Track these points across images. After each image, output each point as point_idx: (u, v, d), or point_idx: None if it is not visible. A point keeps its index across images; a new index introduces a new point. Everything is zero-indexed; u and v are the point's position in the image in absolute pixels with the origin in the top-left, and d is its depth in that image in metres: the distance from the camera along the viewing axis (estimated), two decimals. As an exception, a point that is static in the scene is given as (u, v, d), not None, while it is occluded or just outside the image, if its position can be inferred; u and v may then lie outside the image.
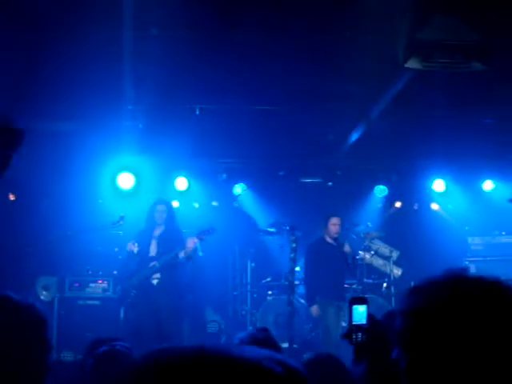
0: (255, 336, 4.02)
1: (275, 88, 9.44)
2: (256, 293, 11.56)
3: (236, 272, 12.04)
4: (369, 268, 11.42)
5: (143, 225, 9.91)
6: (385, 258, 11.76)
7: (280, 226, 10.84)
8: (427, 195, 13.00)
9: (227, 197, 12.51)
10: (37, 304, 2.40)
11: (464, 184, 12.74)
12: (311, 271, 10.08)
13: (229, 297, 12.03)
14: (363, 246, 11.39)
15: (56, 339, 9.69)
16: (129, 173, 11.42)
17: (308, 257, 10.23)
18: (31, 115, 9.76)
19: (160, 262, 9.50)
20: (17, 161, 11.23)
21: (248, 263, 11.73)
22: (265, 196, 12.55)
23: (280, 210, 12.10)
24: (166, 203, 9.97)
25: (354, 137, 11.15)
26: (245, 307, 11.53)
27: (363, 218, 12.07)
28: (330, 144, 11.80)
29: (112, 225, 10.22)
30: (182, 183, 12.03)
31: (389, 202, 12.99)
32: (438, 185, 12.74)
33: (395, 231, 12.45)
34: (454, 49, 6.73)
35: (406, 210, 13.01)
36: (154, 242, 9.74)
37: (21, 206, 10.78)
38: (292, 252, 9.10)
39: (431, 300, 1.62)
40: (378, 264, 11.83)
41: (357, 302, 2.61)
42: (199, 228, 9.77)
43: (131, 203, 10.89)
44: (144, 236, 9.83)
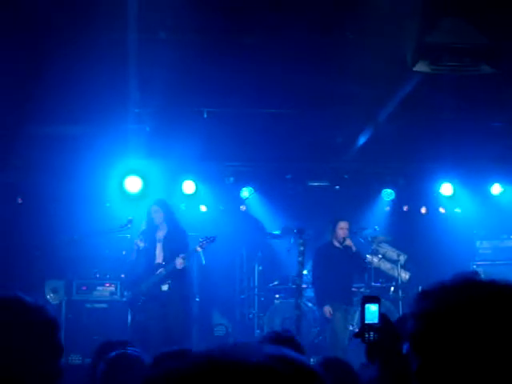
0: (279, 334, 4.04)
1: (283, 91, 9.44)
2: (263, 296, 11.55)
3: (243, 275, 12.03)
4: (376, 272, 11.39)
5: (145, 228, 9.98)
6: (392, 262, 11.73)
7: (287, 230, 10.84)
8: (435, 199, 12.96)
9: (235, 200, 12.49)
10: (48, 306, 2.40)
11: (472, 187, 12.69)
12: (319, 274, 10.08)
13: (236, 300, 12.02)
14: (371, 250, 11.37)
15: (64, 342, 9.68)
16: (136, 176, 11.42)
17: (316, 260, 10.22)
18: (38, 119, 9.81)
19: (166, 269, 9.55)
20: (25, 165, 11.26)
21: (255, 267, 11.72)
22: (272, 199, 12.53)
23: (287, 214, 12.09)
24: (159, 203, 9.97)
25: (362, 140, 11.13)
26: (252, 311, 11.52)
27: (371, 222, 12.04)
28: (338, 147, 11.78)
29: (120, 228, 10.23)
30: (190, 187, 12.02)
31: (396, 206, 12.95)
32: (446, 188, 12.70)
33: (403, 235, 12.42)
34: (463, 52, 6.71)
35: (414, 214, 12.97)
36: (159, 246, 9.78)
37: (29, 210, 10.80)
38: (300, 255, 9.09)
39: (442, 303, 1.62)
40: (386, 268, 11.79)
41: (369, 301, 2.61)
42: (202, 236, 9.82)
43: (139, 207, 10.87)
44: (148, 239, 9.86)
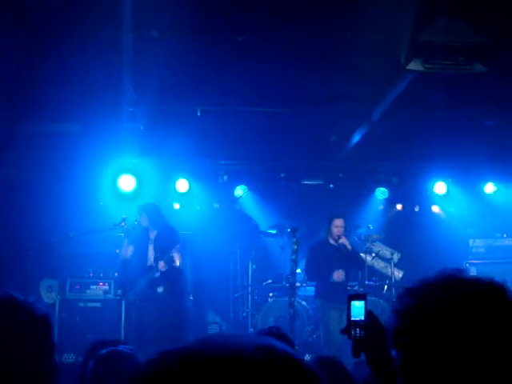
0: (273, 332, 4.05)
1: (277, 90, 9.45)
2: (257, 295, 11.55)
3: (237, 274, 12.02)
4: (370, 270, 11.39)
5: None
6: (386, 261, 11.75)
7: (281, 228, 10.84)
8: (428, 197, 12.98)
9: (228, 199, 12.50)
10: (40, 304, 2.39)
11: (465, 186, 12.72)
12: (311, 271, 10.07)
13: (230, 299, 12.01)
14: (364, 249, 11.37)
15: (57, 341, 9.67)
16: (130, 175, 11.41)
17: (308, 256, 10.20)
18: (31, 118, 9.80)
19: (159, 271, 9.63)
20: (18, 163, 11.24)
21: (249, 265, 11.72)
22: (266, 198, 12.54)
23: (281, 212, 12.10)
24: (142, 208, 10.04)
25: (356, 139, 11.14)
26: (246, 309, 11.52)
27: (364, 220, 12.05)
28: (332, 146, 11.79)
29: (114, 227, 10.22)
30: (183, 185, 12.02)
31: (390, 204, 12.98)
32: (440, 187, 12.72)
33: (396, 233, 12.44)
34: (456, 50, 6.72)
35: (407, 213, 13.00)
36: (151, 247, 9.85)
37: (22, 208, 10.76)
38: (293, 254, 9.08)
39: (425, 301, 1.63)
40: (379, 266, 11.81)
41: (355, 298, 2.64)
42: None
43: (132, 205, 10.86)
44: (140, 241, 9.93)
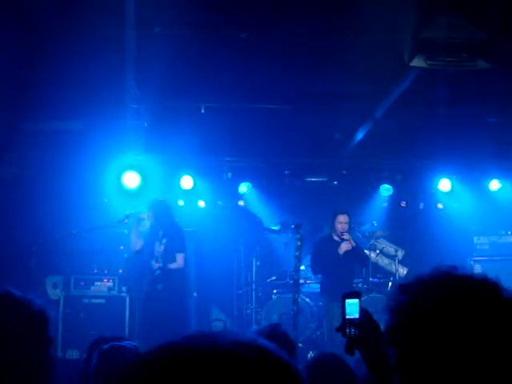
0: (270, 332, 4.05)
1: (281, 87, 9.45)
2: (261, 291, 11.55)
3: (241, 271, 12.03)
4: (374, 267, 11.40)
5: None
6: (390, 257, 11.75)
7: (285, 225, 10.84)
8: (433, 194, 12.97)
9: (232, 195, 12.51)
10: (39, 301, 2.40)
11: (470, 183, 12.70)
12: (317, 264, 10.05)
13: (234, 295, 12.03)
14: (368, 245, 11.39)
15: (61, 338, 9.72)
16: (134, 172, 11.42)
17: (314, 252, 10.16)
18: (35, 115, 9.81)
19: (162, 269, 9.68)
20: (22, 161, 11.26)
21: (253, 262, 11.72)
22: (270, 195, 12.55)
23: (285, 209, 12.11)
24: (149, 205, 10.14)
25: (360, 136, 11.14)
26: (250, 306, 11.53)
27: (369, 217, 12.05)
28: (336, 143, 11.79)
29: (118, 223, 10.25)
30: (188, 182, 12.03)
31: (394, 201, 12.97)
32: (444, 184, 12.71)
33: (401, 230, 12.44)
34: (459, 47, 6.71)
35: (412, 210, 12.99)
36: (157, 244, 9.89)
37: (26, 206, 10.80)
38: (297, 250, 9.09)
39: (419, 298, 1.64)
40: (384, 263, 11.82)
41: (350, 297, 2.64)
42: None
43: (137, 202, 10.88)
44: (148, 237, 10.00)
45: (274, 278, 11.53)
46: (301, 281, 10.11)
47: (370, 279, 11.15)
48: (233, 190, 12.47)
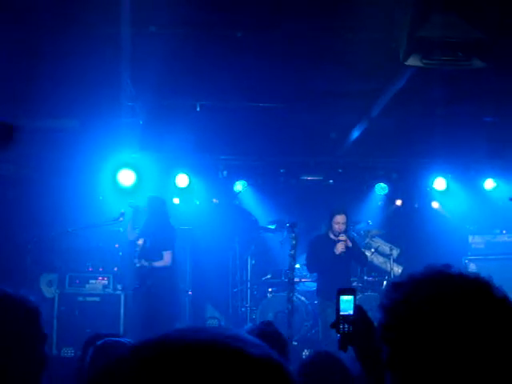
0: (262, 330, 4.05)
1: (277, 85, 9.45)
2: (256, 290, 11.56)
3: (236, 269, 12.04)
4: (369, 266, 11.39)
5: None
6: (385, 256, 11.76)
7: (280, 223, 10.84)
8: (428, 193, 12.99)
9: (228, 194, 12.51)
10: (31, 297, 2.40)
11: (465, 182, 12.72)
12: (313, 262, 9.97)
13: (229, 294, 12.04)
14: (364, 244, 11.40)
15: (56, 335, 9.71)
16: (129, 169, 11.42)
17: (309, 251, 10.08)
18: (31, 113, 9.80)
19: (149, 265, 9.69)
20: (18, 159, 11.25)
21: (248, 260, 11.73)
22: (265, 193, 12.55)
23: (281, 208, 12.11)
24: (147, 200, 10.13)
25: (356, 134, 11.15)
26: (245, 304, 11.53)
27: (364, 216, 12.07)
28: (331, 142, 11.80)
29: (113, 221, 10.25)
30: (183, 180, 12.04)
31: (389, 200, 12.99)
32: (439, 183, 12.73)
33: (396, 229, 12.45)
34: (455, 46, 6.71)
35: (407, 208, 13.01)
36: (146, 241, 9.92)
37: (21, 204, 10.79)
38: (292, 249, 9.09)
39: (411, 296, 1.65)
40: (379, 262, 11.82)
41: (344, 293, 2.65)
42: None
43: (132, 200, 10.88)
44: (139, 234, 10.05)
45: (269, 277, 11.54)
46: (296, 279, 10.11)
47: (365, 278, 11.17)
48: (228, 189, 12.48)
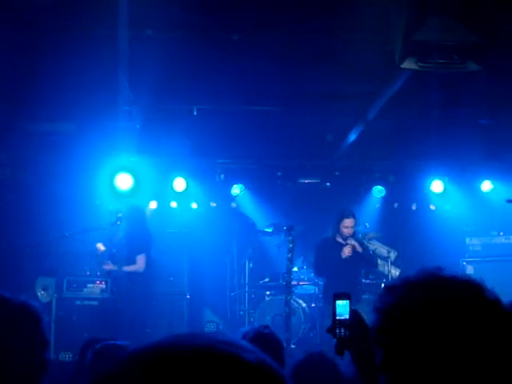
0: (259, 331, 4.05)
1: (273, 89, 9.47)
2: (254, 293, 11.56)
3: (234, 272, 12.03)
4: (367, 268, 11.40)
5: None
6: (383, 259, 11.75)
7: (278, 227, 10.84)
8: (425, 196, 12.99)
9: (225, 197, 12.52)
10: (31, 302, 2.41)
11: (462, 185, 12.73)
12: (321, 265, 9.81)
13: (227, 297, 12.03)
14: (361, 247, 11.39)
15: (54, 339, 9.69)
16: (127, 173, 11.39)
17: (317, 254, 9.92)
18: (28, 116, 9.81)
19: (119, 270, 9.74)
20: (15, 162, 11.24)
21: (246, 263, 11.73)
22: (263, 196, 12.56)
23: (278, 211, 12.12)
24: (125, 208, 10.14)
25: (352, 137, 11.16)
26: (243, 307, 11.53)
27: (361, 219, 12.04)
28: (328, 145, 11.81)
29: (111, 225, 10.24)
30: (180, 184, 12.03)
31: (387, 203, 12.99)
32: (436, 185, 12.74)
33: (393, 232, 12.45)
34: (450, 49, 6.73)
35: (404, 211, 13.01)
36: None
37: (18, 207, 10.78)
38: (289, 252, 9.09)
39: (405, 299, 1.66)
40: (376, 264, 11.81)
41: (340, 298, 2.66)
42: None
43: (129, 204, 10.86)
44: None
45: (267, 280, 11.54)
46: (293, 282, 10.11)
47: (363, 280, 11.16)
48: (225, 192, 12.48)
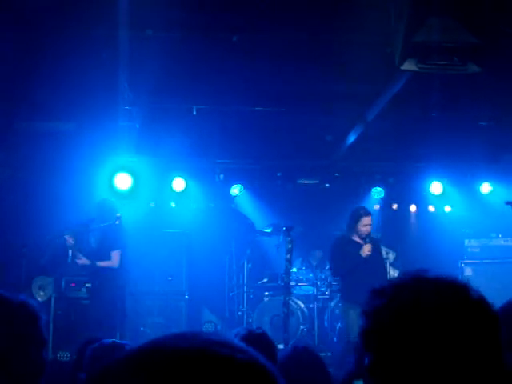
0: (251, 331, 4.05)
1: (273, 89, 9.47)
2: (252, 294, 11.56)
3: (233, 273, 12.03)
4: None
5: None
6: (381, 260, 11.75)
7: (277, 227, 10.84)
8: (424, 197, 13.00)
9: (224, 198, 12.52)
10: (31, 301, 2.41)
11: (461, 186, 12.74)
12: (340, 268, 9.48)
13: (225, 297, 12.02)
14: (360, 248, 11.37)
15: (52, 339, 9.69)
16: (126, 173, 11.40)
17: (336, 254, 9.55)
18: (28, 116, 9.80)
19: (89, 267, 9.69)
20: (14, 161, 11.23)
21: (245, 264, 11.72)
22: (262, 197, 12.56)
23: (277, 211, 12.12)
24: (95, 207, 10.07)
25: (351, 139, 11.16)
26: (241, 308, 11.52)
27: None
28: (328, 145, 11.81)
29: (108, 225, 10.21)
30: (180, 184, 12.03)
31: (386, 204, 12.99)
32: (436, 187, 12.75)
33: (392, 233, 12.45)
34: (451, 51, 6.73)
35: (403, 212, 13.02)
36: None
37: (17, 207, 10.78)
38: (288, 253, 9.08)
39: (392, 301, 1.66)
40: (375, 266, 11.80)
41: (354, 377, 2.63)
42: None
43: (128, 204, 10.87)
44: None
45: (266, 281, 11.54)
46: (292, 283, 10.10)
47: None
48: (225, 192, 12.49)
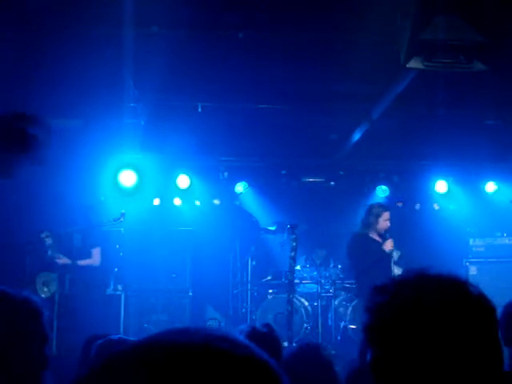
0: (255, 328, 4.04)
1: (278, 87, 9.47)
2: (256, 291, 11.55)
3: (237, 270, 12.03)
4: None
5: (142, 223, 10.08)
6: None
7: (281, 225, 10.84)
8: (429, 196, 12.99)
9: (229, 195, 12.52)
10: (34, 297, 2.41)
11: (466, 185, 12.72)
12: (363, 264, 9.20)
13: (229, 295, 12.03)
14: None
15: (56, 336, 9.70)
16: (131, 170, 11.41)
17: (359, 251, 9.32)
18: (33, 113, 9.78)
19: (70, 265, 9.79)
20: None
21: (249, 261, 11.72)
22: (266, 195, 12.56)
23: (281, 209, 12.11)
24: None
25: (357, 137, 11.15)
26: (245, 305, 11.52)
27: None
28: (333, 144, 11.81)
29: (113, 222, 10.24)
30: (184, 181, 12.04)
31: (391, 203, 12.97)
32: (441, 186, 12.73)
33: (396, 231, 12.43)
34: (456, 49, 6.72)
35: (408, 211, 13.00)
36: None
37: (22, 203, 10.78)
38: (292, 251, 9.08)
39: (394, 297, 1.69)
40: (379, 264, 11.79)
41: None
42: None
43: (133, 201, 10.87)
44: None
45: (270, 278, 11.53)
46: (296, 281, 10.10)
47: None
48: (229, 190, 12.49)
